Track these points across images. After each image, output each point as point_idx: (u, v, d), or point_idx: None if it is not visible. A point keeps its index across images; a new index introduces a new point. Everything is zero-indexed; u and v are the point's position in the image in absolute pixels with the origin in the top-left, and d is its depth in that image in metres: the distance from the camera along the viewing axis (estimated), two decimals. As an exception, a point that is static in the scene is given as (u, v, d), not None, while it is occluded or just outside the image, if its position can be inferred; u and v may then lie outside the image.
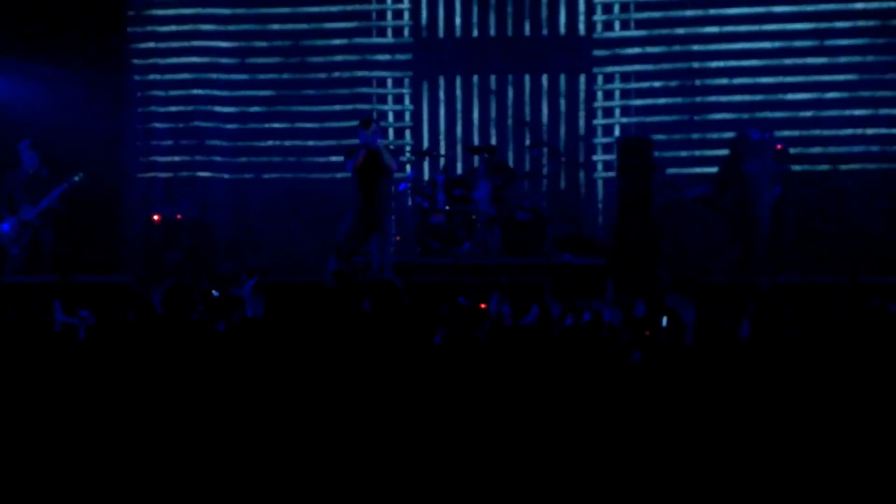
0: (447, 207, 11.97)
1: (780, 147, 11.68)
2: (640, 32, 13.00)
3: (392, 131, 13.40)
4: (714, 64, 12.78)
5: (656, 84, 12.91)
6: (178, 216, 12.74)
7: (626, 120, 13.03)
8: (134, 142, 13.40)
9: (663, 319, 5.88)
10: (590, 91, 13.10)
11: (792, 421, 4.26)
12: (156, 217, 12.74)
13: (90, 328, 6.04)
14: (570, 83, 13.13)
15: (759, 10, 12.65)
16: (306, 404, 4.52)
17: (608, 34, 13.06)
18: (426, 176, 13.02)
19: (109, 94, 12.93)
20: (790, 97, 12.53)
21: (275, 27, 13.57)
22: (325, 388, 4.65)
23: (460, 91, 13.34)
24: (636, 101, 12.98)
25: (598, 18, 13.08)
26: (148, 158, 13.52)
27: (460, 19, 13.30)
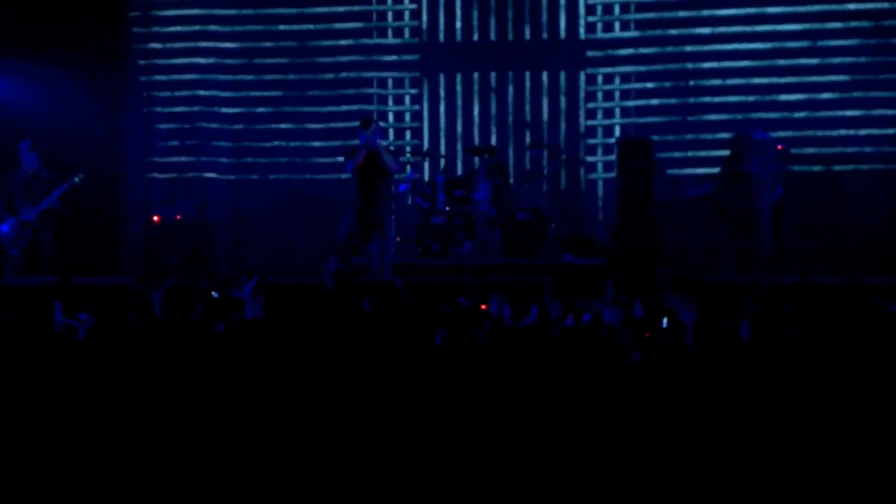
0: (447, 208, 11.96)
1: (780, 147, 11.67)
2: (634, 33, 13.00)
3: (392, 132, 13.39)
4: (707, 65, 12.78)
5: (650, 85, 12.91)
6: (177, 217, 12.73)
7: (620, 121, 13.02)
8: (134, 142, 13.38)
9: (663, 320, 5.88)
10: (583, 91, 13.09)
11: (793, 422, 4.25)
12: (155, 218, 12.74)
13: (90, 329, 6.03)
14: (567, 82, 13.12)
15: (752, 10, 12.66)
16: (306, 405, 4.51)
17: (602, 35, 13.06)
18: (426, 177, 13.01)
19: (110, 94, 12.91)
20: (783, 98, 12.54)
21: (263, 27, 13.56)
22: (324, 388, 4.64)
23: (460, 87, 13.32)
24: (630, 102, 12.98)
25: (593, 19, 13.07)
26: (148, 159, 13.50)
27: (461, 23, 13.29)
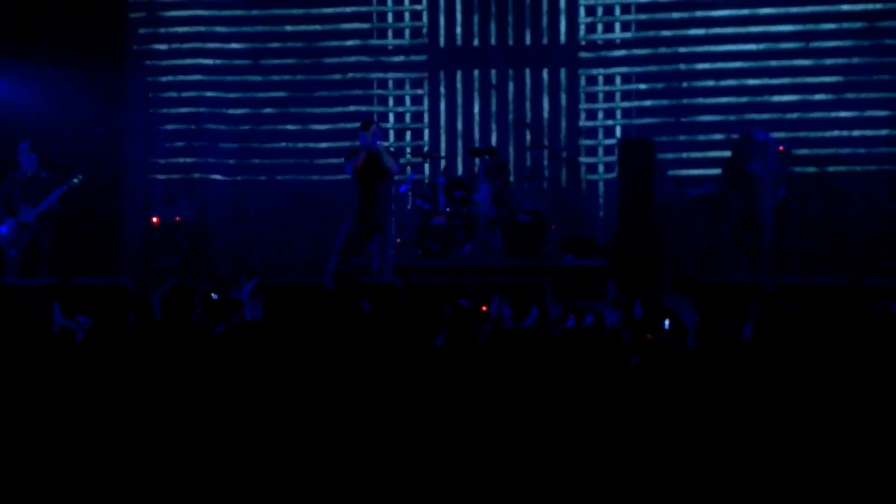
0: (448, 209, 11.95)
1: (781, 148, 11.67)
2: (630, 34, 12.99)
3: (393, 133, 13.38)
4: (700, 66, 12.77)
5: (642, 86, 12.90)
6: (176, 218, 12.72)
7: (617, 122, 13.01)
8: (133, 143, 13.37)
9: (664, 321, 5.85)
10: (582, 94, 13.10)
11: (795, 424, 4.23)
12: (154, 219, 12.72)
13: (88, 331, 6.01)
14: (567, 82, 13.11)
15: (745, 12, 12.65)
16: (306, 407, 4.49)
17: (602, 36, 13.04)
18: (427, 178, 13.00)
19: (109, 95, 12.91)
20: (776, 99, 12.53)
21: (266, 28, 13.56)
22: (325, 389, 4.62)
23: (461, 84, 13.32)
24: (626, 103, 12.98)
25: (591, 20, 13.07)
26: (148, 160, 13.49)
27: (461, 28, 13.28)
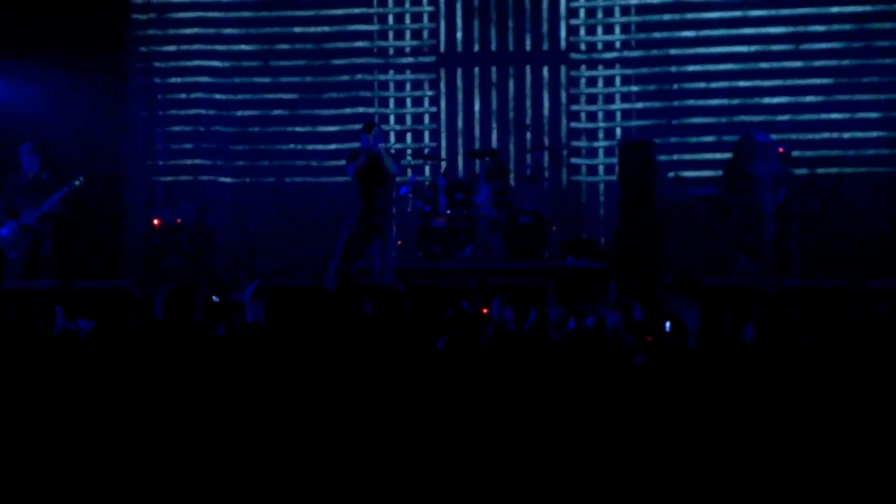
0: (448, 211, 11.93)
1: (782, 150, 11.66)
2: (627, 36, 13.00)
3: (393, 135, 13.38)
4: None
5: (643, 88, 12.93)
6: (177, 220, 12.71)
7: (613, 124, 13.02)
8: (135, 145, 13.36)
9: (665, 323, 5.85)
10: (575, 94, 13.11)
11: (797, 427, 4.23)
12: (155, 221, 12.71)
13: (90, 333, 6.01)
14: (555, 84, 13.14)
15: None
16: (307, 409, 4.49)
17: (596, 38, 13.05)
18: (427, 180, 12.99)
19: (110, 97, 12.90)
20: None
21: (260, 30, 13.58)
22: (325, 391, 4.62)
23: (461, 86, 13.33)
24: (623, 106, 12.98)
25: (586, 23, 13.10)
26: (149, 162, 13.49)
27: (461, 34, 13.29)
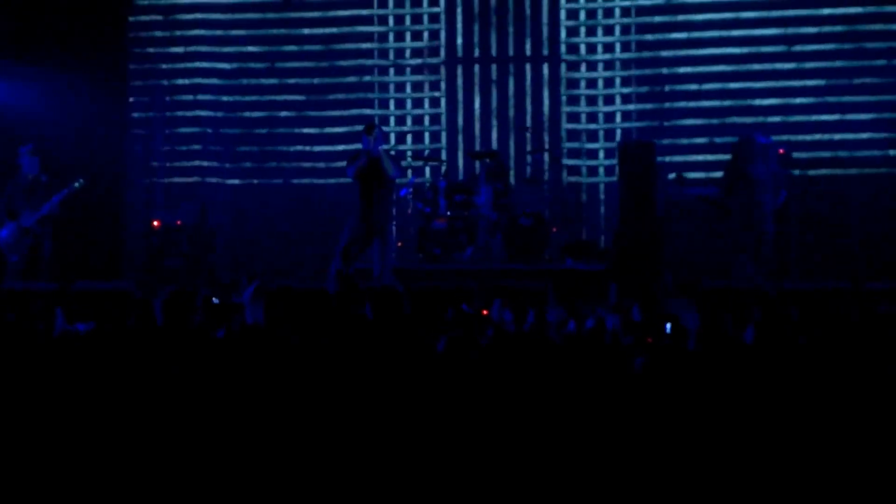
0: (449, 213, 11.93)
1: (782, 151, 11.65)
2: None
3: (394, 136, 13.39)
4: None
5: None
6: (177, 222, 12.71)
7: (606, 126, 13.05)
8: (135, 147, 13.37)
9: (665, 325, 5.85)
10: (575, 96, 13.13)
11: (798, 427, 4.22)
12: (155, 223, 12.71)
13: (89, 335, 6.01)
14: (555, 86, 13.15)
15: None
16: (307, 411, 4.48)
17: (596, 40, 13.07)
18: (427, 181, 12.99)
19: (111, 99, 12.91)
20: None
21: (258, 31, 13.60)
22: (325, 393, 4.61)
23: (461, 89, 13.34)
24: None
25: (586, 24, 13.12)
26: (149, 164, 13.49)
27: (462, 39, 13.30)
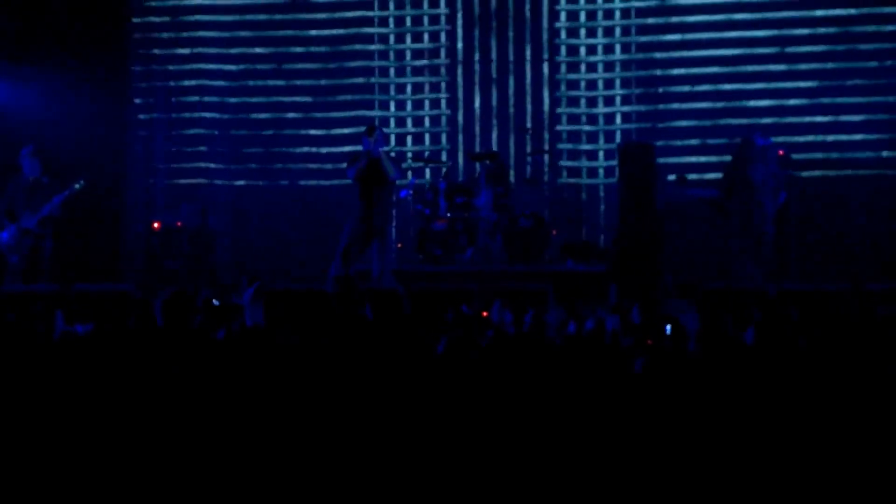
0: (449, 214, 11.93)
1: (781, 153, 11.66)
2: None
3: (394, 138, 13.40)
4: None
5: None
6: (177, 223, 12.71)
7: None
8: (135, 148, 13.38)
9: (666, 326, 5.85)
10: (576, 97, 13.14)
11: (798, 429, 4.22)
12: (155, 224, 12.72)
13: (89, 337, 6.01)
14: (554, 87, 13.17)
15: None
16: (307, 412, 4.48)
17: (596, 41, 13.09)
18: (428, 182, 13.00)
19: (111, 100, 12.92)
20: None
21: (257, 33, 13.61)
22: (325, 394, 4.62)
23: (461, 91, 13.35)
24: (623, 108, 13.00)
25: (586, 25, 13.13)
26: (149, 165, 13.50)
27: (462, 43, 13.32)
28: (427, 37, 13.45)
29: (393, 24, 13.53)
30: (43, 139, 11.59)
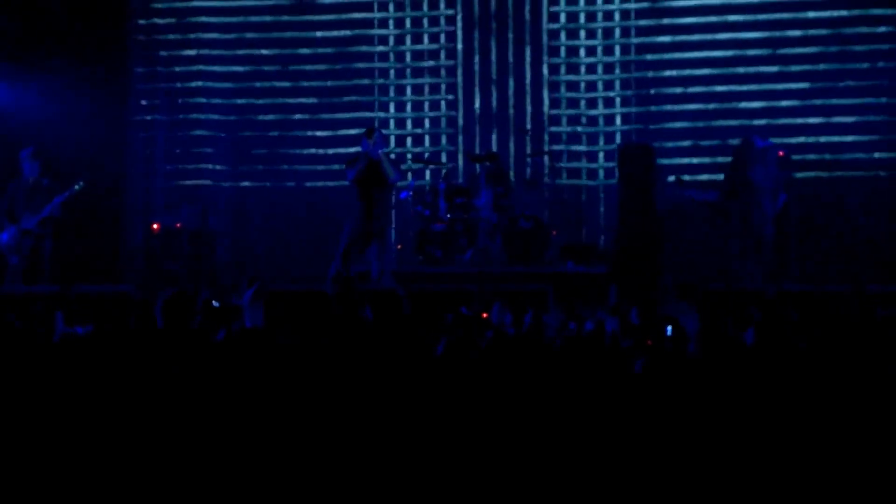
0: (449, 215, 11.94)
1: (781, 154, 11.66)
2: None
3: (394, 139, 13.40)
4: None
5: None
6: (177, 224, 12.71)
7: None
8: (135, 149, 13.38)
9: (666, 327, 5.85)
10: (576, 99, 13.14)
11: (798, 430, 4.22)
12: (155, 226, 12.72)
13: (89, 338, 6.01)
14: (554, 89, 13.17)
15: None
16: (306, 413, 4.48)
17: (596, 42, 13.08)
18: (427, 184, 13.00)
19: (111, 102, 12.91)
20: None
21: (260, 34, 13.61)
22: (324, 395, 4.62)
23: (463, 87, 13.36)
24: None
25: (585, 27, 13.12)
26: (149, 167, 13.50)
27: (462, 45, 13.32)
28: (427, 38, 13.45)
29: (393, 25, 13.52)
30: (43, 140, 11.59)
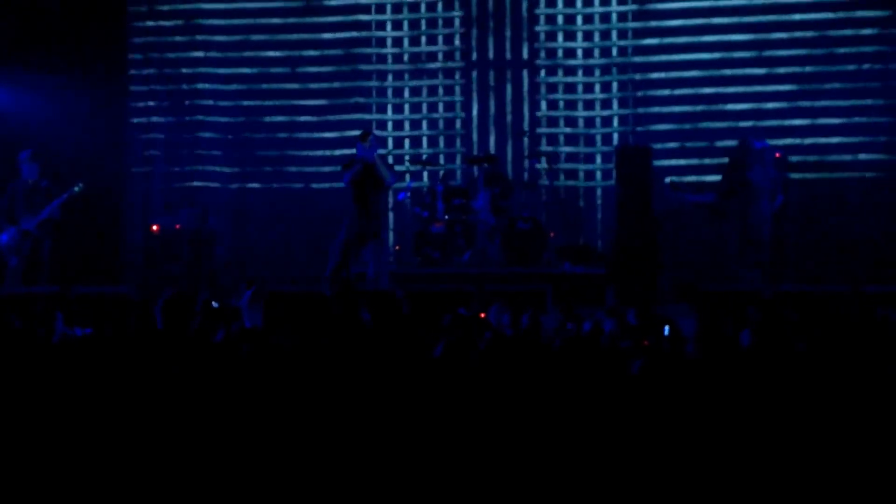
0: (447, 217, 11.95)
1: (778, 155, 11.68)
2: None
3: (391, 141, 13.41)
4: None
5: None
6: (176, 226, 12.71)
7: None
8: (135, 150, 13.38)
9: (664, 328, 5.86)
10: (574, 101, 13.16)
11: (796, 430, 4.23)
12: (154, 227, 12.72)
13: (89, 339, 6.02)
14: (554, 90, 13.18)
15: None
16: (305, 414, 4.49)
17: (593, 44, 13.09)
18: (425, 185, 13.00)
19: (110, 104, 12.91)
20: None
21: (264, 37, 13.61)
22: (323, 396, 4.63)
23: (461, 93, 13.37)
24: (622, 111, 13.01)
25: (583, 28, 13.14)
26: (148, 168, 13.50)
27: (461, 44, 13.32)
28: (424, 39, 13.45)
29: (391, 27, 13.53)
30: (43, 141, 11.60)
